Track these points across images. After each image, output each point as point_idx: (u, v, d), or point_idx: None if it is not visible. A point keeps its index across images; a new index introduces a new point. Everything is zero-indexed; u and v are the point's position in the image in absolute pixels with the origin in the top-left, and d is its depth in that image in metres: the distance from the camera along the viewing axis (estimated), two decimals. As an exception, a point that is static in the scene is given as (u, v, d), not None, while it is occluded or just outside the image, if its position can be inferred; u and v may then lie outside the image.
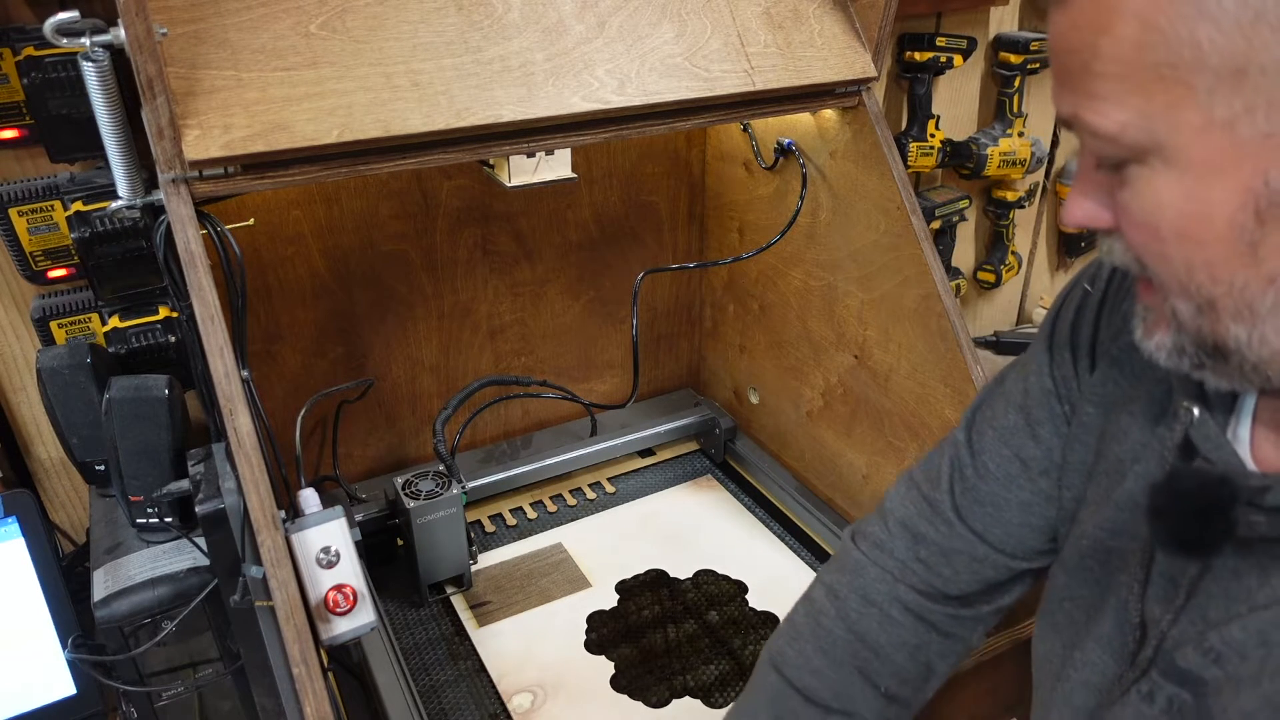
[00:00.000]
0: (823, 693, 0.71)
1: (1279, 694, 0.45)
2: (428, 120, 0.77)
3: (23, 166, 0.96)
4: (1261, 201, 0.40)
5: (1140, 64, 0.40)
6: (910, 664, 0.71)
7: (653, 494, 1.30)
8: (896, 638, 0.71)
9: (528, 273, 1.26)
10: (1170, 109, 0.40)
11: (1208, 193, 0.41)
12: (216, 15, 0.73)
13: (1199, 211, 0.41)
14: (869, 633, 0.71)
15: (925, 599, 0.70)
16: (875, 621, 0.71)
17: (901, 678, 0.71)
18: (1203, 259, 0.42)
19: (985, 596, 0.71)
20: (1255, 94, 0.38)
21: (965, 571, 0.69)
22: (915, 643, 0.71)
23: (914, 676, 0.72)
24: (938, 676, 0.73)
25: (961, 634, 0.72)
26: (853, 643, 0.71)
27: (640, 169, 1.28)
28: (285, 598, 0.66)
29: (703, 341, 1.47)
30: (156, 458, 0.87)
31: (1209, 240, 0.42)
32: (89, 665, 0.89)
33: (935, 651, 0.71)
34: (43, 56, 0.87)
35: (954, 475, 0.69)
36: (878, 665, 0.71)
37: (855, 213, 1.06)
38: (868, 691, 0.71)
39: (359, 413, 1.21)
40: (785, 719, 0.71)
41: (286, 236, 1.08)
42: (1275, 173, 0.39)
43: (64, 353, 0.90)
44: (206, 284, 0.71)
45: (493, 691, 0.98)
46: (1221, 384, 0.46)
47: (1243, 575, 0.49)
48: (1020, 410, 0.67)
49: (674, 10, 0.90)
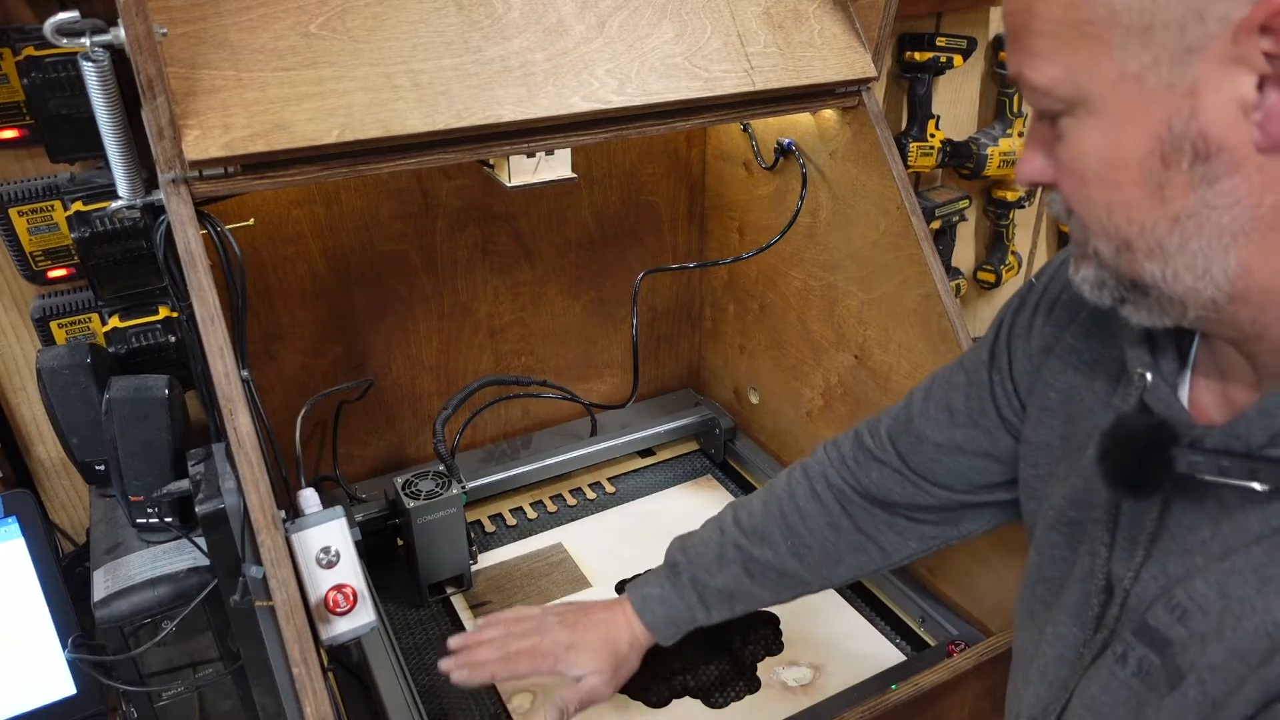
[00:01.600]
0: (748, 523, 0.86)
1: (1242, 643, 0.47)
2: (428, 120, 0.77)
3: (23, 166, 0.96)
4: (1166, 146, 0.44)
5: (1067, 22, 0.45)
6: (821, 540, 0.84)
7: (653, 494, 1.30)
8: (817, 510, 0.84)
9: (528, 273, 1.26)
10: (1091, 62, 0.45)
11: (1123, 139, 0.45)
12: (216, 15, 0.73)
13: (1116, 157, 0.46)
14: (798, 496, 0.85)
15: (851, 490, 0.83)
16: (804, 490, 0.85)
17: (809, 547, 0.84)
18: (1120, 200, 0.47)
19: (906, 512, 0.81)
20: (1160, 48, 0.42)
21: (887, 481, 0.81)
22: (830, 523, 0.83)
23: (821, 553, 0.84)
24: (845, 567, 0.85)
25: (876, 538, 0.83)
26: (784, 500, 0.85)
27: (640, 169, 1.28)
28: (285, 598, 0.66)
29: (703, 341, 1.47)
30: (156, 458, 0.86)
31: (1124, 183, 0.46)
32: (89, 665, 0.89)
33: (846, 542, 0.83)
34: (43, 56, 0.87)
35: (899, 410, 0.82)
36: (796, 524, 0.84)
37: (855, 213, 1.06)
38: (779, 540, 0.84)
39: (359, 413, 1.21)
40: (717, 527, 0.88)
41: (286, 236, 1.08)
42: (1176, 120, 0.43)
43: (64, 353, 0.90)
44: (206, 284, 0.71)
45: (493, 691, 0.98)
46: (1143, 319, 0.50)
47: (1196, 527, 0.51)
48: (960, 368, 0.77)
49: (674, 10, 0.90)
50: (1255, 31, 0.40)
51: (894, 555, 0.84)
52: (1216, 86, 0.42)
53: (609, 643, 0.86)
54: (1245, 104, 0.42)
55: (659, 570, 0.89)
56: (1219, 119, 0.42)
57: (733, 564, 0.85)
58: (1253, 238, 0.44)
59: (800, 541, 0.84)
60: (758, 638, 1.04)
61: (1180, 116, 0.43)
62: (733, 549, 0.85)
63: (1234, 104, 0.42)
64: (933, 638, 1.04)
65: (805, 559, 0.84)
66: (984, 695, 0.90)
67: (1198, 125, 0.43)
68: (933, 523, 0.81)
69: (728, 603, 0.86)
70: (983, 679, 0.88)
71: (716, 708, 0.96)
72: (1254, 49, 0.40)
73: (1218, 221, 0.44)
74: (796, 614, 1.08)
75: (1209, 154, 0.43)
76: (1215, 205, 0.44)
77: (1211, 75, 0.42)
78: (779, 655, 1.02)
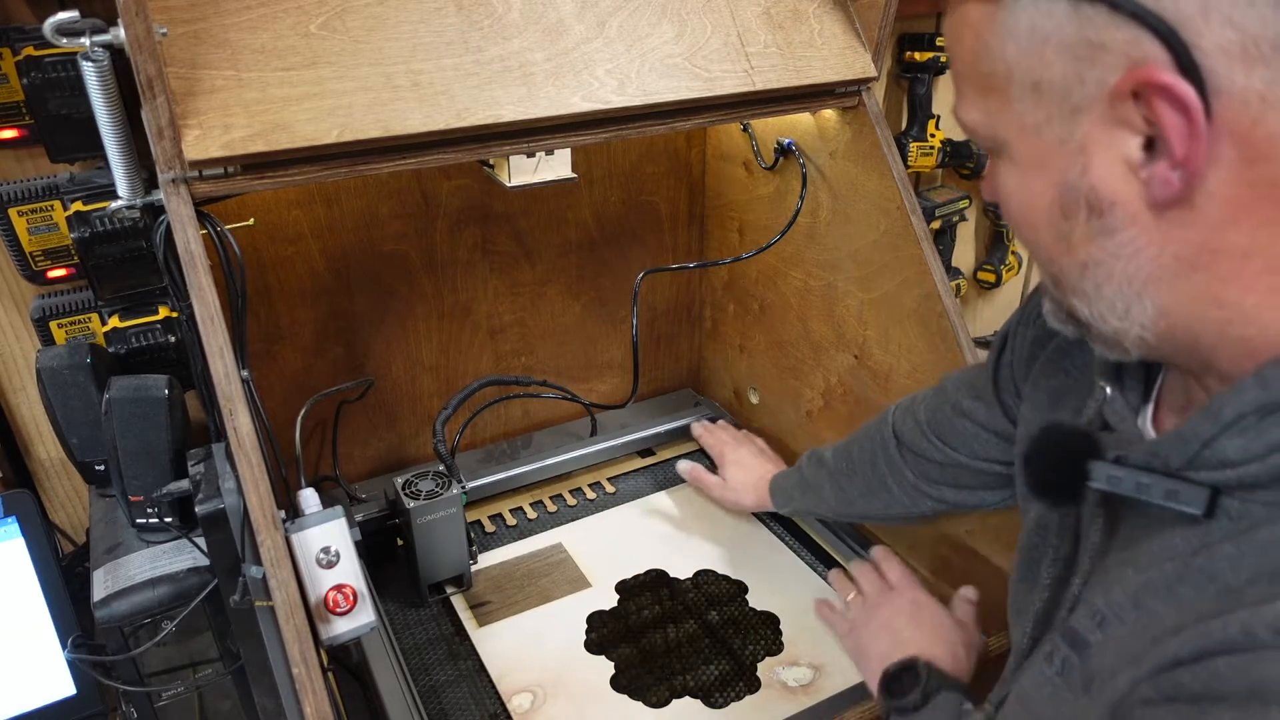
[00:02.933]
0: (834, 462, 1.00)
1: (1134, 643, 0.48)
2: (428, 120, 0.77)
3: (23, 166, 0.96)
4: (1065, 198, 0.46)
5: (976, 72, 0.47)
6: (864, 476, 0.95)
7: (653, 494, 1.30)
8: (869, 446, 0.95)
9: (528, 273, 1.26)
10: (999, 113, 0.47)
11: (1030, 186, 0.48)
12: (216, 15, 0.73)
13: (1027, 202, 0.48)
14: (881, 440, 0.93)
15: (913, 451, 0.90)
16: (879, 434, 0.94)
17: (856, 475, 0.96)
18: (1037, 242, 0.49)
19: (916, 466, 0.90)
20: (1050, 106, 0.44)
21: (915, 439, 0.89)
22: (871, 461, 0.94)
23: (863, 488, 0.96)
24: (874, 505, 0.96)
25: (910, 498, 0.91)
26: (871, 444, 0.95)
27: (640, 169, 1.28)
28: (285, 598, 0.66)
29: (703, 341, 1.47)
30: (156, 458, 0.86)
31: (1039, 226, 0.48)
32: (89, 665, 0.89)
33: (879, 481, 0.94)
34: (43, 56, 0.87)
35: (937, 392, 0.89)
36: (883, 466, 0.93)
37: (855, 213, 1.06)
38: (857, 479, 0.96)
39: (359, 413, 1.21)
40: (808, 460, 1.06)
41: (286, 236, 1.08)
42: (1070, 174, 0.45)
43: (64, 353, 0.90)
44: (206, 284, 0.71)
45: (493, 691, 0.98)
46: (1102, 351, 0.51)
47: (1137, 541, 0.52)
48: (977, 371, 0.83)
49: (674, 10, 0.90)
50: (1128, 98, 0.41)
51: (912, 509, 0.92)
52: (1104, 145, 0.43)
53: (756, 486, 1.16)
54: (1131, 163, 0.43)
55: (793, 471, 1.10)
56: (1108, 176, 0.44)
57: (818, 492, 1.03)
58: (1162, 285, 0.45)
59: (856, 488, 0.97)
60: (758, 638, 1.05)
61: (1073, 171, 0.45)
62: (817, 485, 1.03)
63: (1121, 162, 0.43)
64: (933, 638, 1.04)
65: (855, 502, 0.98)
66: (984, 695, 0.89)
67: (1089, 181, 0.44)
68: (937, 481, 0.88)
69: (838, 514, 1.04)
70: (983, 679, 0.88)
71: (716, 708, 0.96)
72: (1132, 113, 0.42)
73: (1124, 270, 0.45)
74: (796, 614, 1.08)
75: (1103, 209, 0.44)
76: (1118, 255, 0.45)
77: (1098, 134, 0.43)
78: (779, 655, 1.02)
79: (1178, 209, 0.43)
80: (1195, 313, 0.45)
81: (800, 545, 1.19)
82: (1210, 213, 0.42)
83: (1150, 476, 0.48)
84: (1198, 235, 0.43)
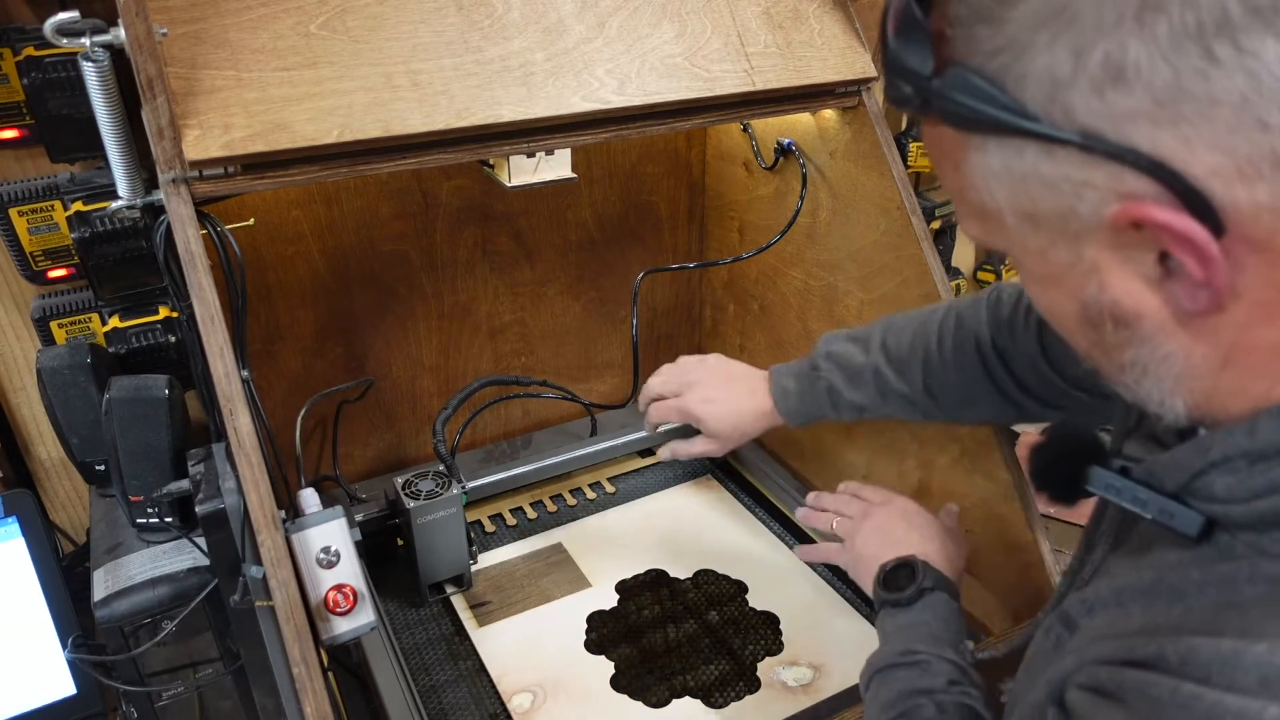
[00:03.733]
0: (894, 351, 0.90)
1: (1101, 633, 0.49)
2: (428, 120, 0.77)
3: (23, 166, 0.96)
4: (1088, 311, 0.44)
5: (965, 201, 0.46)
6: (959, 388, 0.86)
7: (653, 494, 1.30)
8: (961, 363, 0.86)
9: (528, 273, 1.26)
10: (998, 233, 0.46)
11: (1052, 298, 0.47)
12: (216, 15, 0.73)
13: (1053, 309, 0.48)
14: (946, 346, 0.86)
15: (997, 354, 0.83)
16: (952, 341, 0.86)
17: (946, 388, 0.87)
18: (1073, 342, 0.48)
19: (1036, 388, 0.83)
20: (1051, 234, 0.43)
21: (1027, 357, 0.82)
22: (973, 377, 0.85)
23: (956, 398, 0.87)
24: (975, 413, 0.89)
25: (1009, 397, 0.84)
26: (931, 342, 0.87)
27: (640, 169, 1.28)
28: (285, 598, 0.66)
29: (703, 341, 1.47)
30: (156, 458, 0.87)
31: (1070, 330, 0.48)
32: (89, 665, 0.89)
33: (985, 395, 0.85)
34: (43, 56, 0.87)
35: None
36: (937, 369, 0.86)
37: (855, 213, 1.06)
38: (918, 377, 0.88)
39: (359, 413, 1.21)
40: (864, 344, 0.92)
41: (286, 236, 1.08)
42: (1088, 292, 0.44)
43: (64, 353, 0.90)
44: (206, 284, 0.71)
45: (493, 691, 0.98)
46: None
47: (1144, 545, 0.53)
48: None
49: (674, 10, 0.90)
50: (1129, 229, 0.40)
51: (1021, 415, 0.88)
52: (1118, 265, 0.42)
53: (737, 417, 1.00)
54: (1149, 279, 0.41)
55: (802, 364, 0.96)
56: (1128, 291, 0.42)
57: (869, 385, 0.90)
58: (1194, 383, 0.44)
59: (938, 382, 0.87)
60: (758, 638, 1.05)
61: (1090, 289, 0.43)
62: (872, 373, 0.90)
63: (1139, 279, 0.42)
64: (933, 638, 1.04)
65: (940, 399, 0.88)
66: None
67: (1110, 296, 0.43)
68: (1044, 405, 0.84)
69: (858, 413, 0.93)
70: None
71: (716, 708, 0.96)
72: (1138, 240, 0.40)
73: (1157, 371, 0.44)
74: (796, 614, 1.08)
75: (1129, 321, 0.43)
76: (1151, 359, 0.44)
77: (1108, 257, 0.42)
78: (779, 655, 1.02)
79: (1206, 317, 0.41)
80: (1227, 403, 0.44)
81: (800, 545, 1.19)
82: (1239, 315, 0.41)
83: (1148, 493, 0.48)
84: (1228, 337, 0.42)
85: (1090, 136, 0.39)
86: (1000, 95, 0.40)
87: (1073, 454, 0.53)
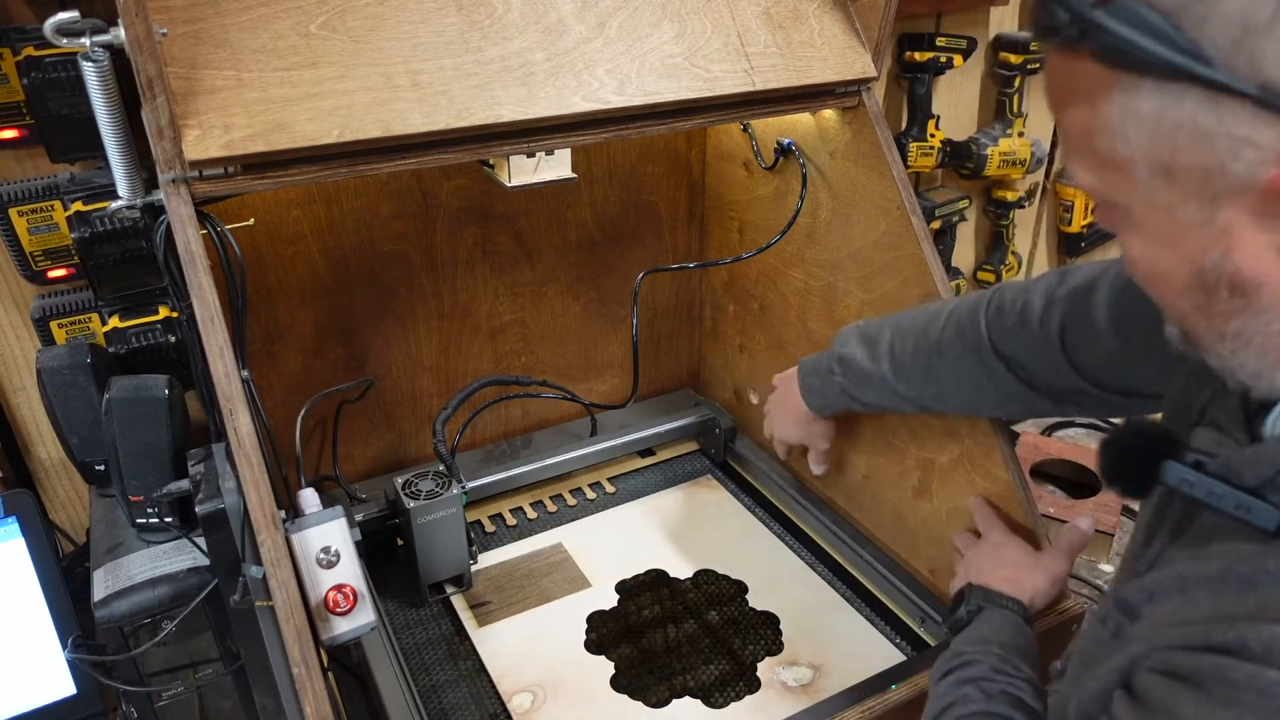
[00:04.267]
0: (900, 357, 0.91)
1: (1169, 620, 0.49)
2: (428, 120, 0.77)
3: (23, 166, 0.96)
4: (1204, 276, 0.43)
5: (1090, 146, 0.44)
6: (962, 396, 0.89)
7: (653, 494, 1.30)
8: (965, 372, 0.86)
9: (528, 273, 1.26)
10: (1121, 185, 0.44)
11: (1162, 258, 0.45)
12: (216, 15, 0.73)
13: (1159, 271, 0.46)
14: (949, 354, 0.87)
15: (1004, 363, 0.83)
16: (957, 350, 0.86)
17: (949, 397, 0.90)
18: (1170, 304, 0.47)
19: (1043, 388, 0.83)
20: (1185, 190, 0.41)
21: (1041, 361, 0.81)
22: (976, 385, 0.86)
23: (959, 405, 0.91)
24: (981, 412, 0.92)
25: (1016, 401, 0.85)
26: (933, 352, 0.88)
27: (640, 169, 1.28)
28: (285, 598, 0.66)
29: (703, 341, 1.47)
30: (156, 458, 0.87)
31: (1172, 293, 0.46)
32: (89, 665, 0.89)
33: (987, 403, 0.88)
34: (43, 56, 0.87)
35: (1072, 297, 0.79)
36: (944, 379, 0.88)
37: (855, 213, 1.06)
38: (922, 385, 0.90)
39: (359, 413, 1.21)
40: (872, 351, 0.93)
41: (286, 236, 1.08)
42: (1210, 256, 0.42)
43: (64, 353, 0.90)
44: (206, 284, 0.71)
45: (493, 691, 0.98)
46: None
47: (1205, 536, 0.53)
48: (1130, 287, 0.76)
49: (674, 10, 0.90)
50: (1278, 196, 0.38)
51: (1027, 412, 0.89)
52: (1252, 231, 0.40)
53: (795, 424, 1.07)
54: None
55: (821, 360, 0.99)
56: (1256, 259, 0.41)
57: (878, 390, 0.93)
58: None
59: (941, 390, 0.89)
60: (758, 638, 1.05)
61: (1214, 253, 0.42)
62: (879, 379, 0.92)
63: (1271, 249, 0.40)
64: (933, 638, 1.04)
65: (946, 404, 0.91)
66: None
67: (1233, 263, 0.42)
68: (1056, 401, 0.84)
69: (877, 408, 0.96)
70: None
71: (716, 708, 0.96)
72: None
73: (1263, 344, 0.43)
74: (796, 614, 1.08)
75: (1247, 289, 0.42)
76: (1261, 331, 0.43)
77: (1245, 222, 0.40)
78: (779, 655, 1.02)
79: None
80: None
81: (800, 545, 1.19)
82: None
83: (1224, 487, 0.48)
84: None
85: (1272, 91, 0.37)
86: (1175, 34, 0.38)
87: (1145, 448, 0.53)
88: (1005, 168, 1.53)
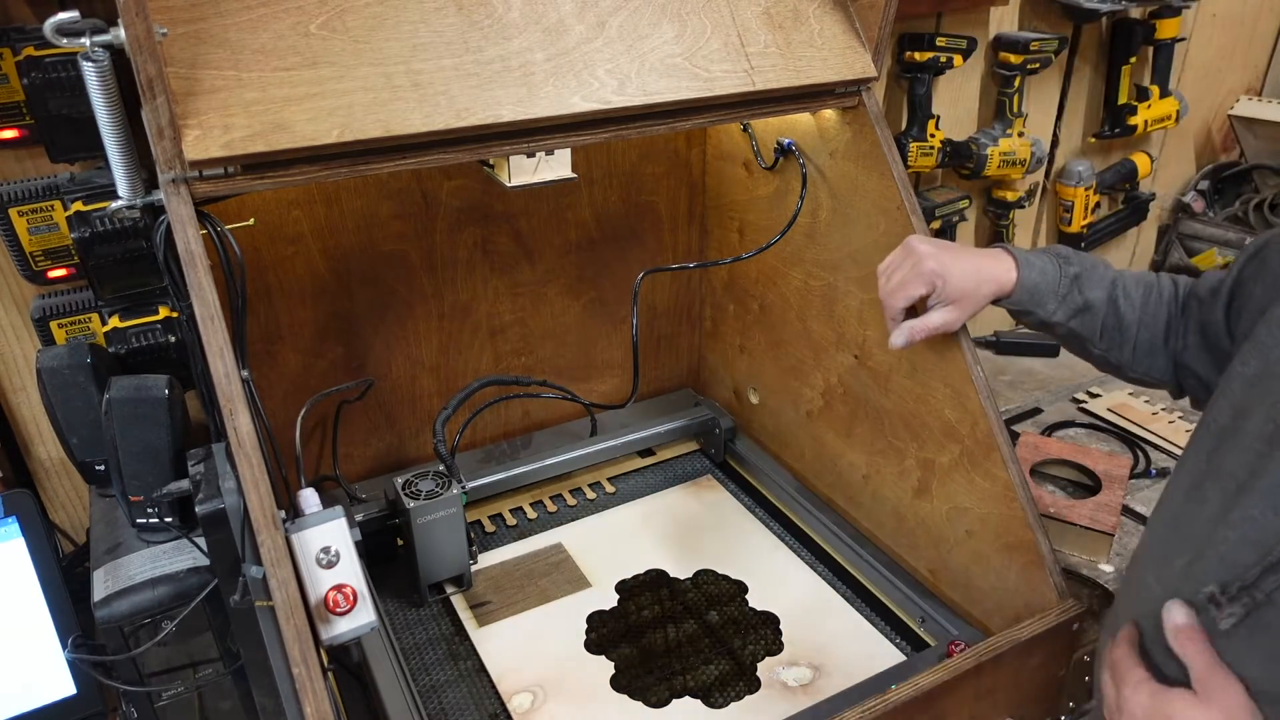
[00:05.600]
0: (1128, 287, 0.93)
1: None
2: (428, 120, 0.77)
3: (23, 166, 0.96)
4: None
5: None
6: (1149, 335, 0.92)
7: (653, 494, 1.30)
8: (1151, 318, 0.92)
9: (528, 273, 1.26)
10: None
11: None
12: (216, 15, 0.73)
13: None
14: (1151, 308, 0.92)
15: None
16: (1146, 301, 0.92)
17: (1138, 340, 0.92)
18: None
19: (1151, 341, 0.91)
20: None
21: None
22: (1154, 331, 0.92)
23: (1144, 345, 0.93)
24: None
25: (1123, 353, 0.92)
26: (1143, 309, 0.92)
27: (640, 169, 1.28)
28: (285, 598, 0.66)
29: (703, 341, 1.47)
30: (156, 458, 0.87)
31: None
32: (89, 665, 0.89)
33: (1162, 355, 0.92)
34: (43, 56, 0.87)
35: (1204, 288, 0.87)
36: (1150, 310, 0.92)
37: (855, 213, 1.06)
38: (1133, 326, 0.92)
39: (359, 413, 1.21)
40: (1105, 262, 0.95)
41: (286, 236, 1.08)
42: None
43: (64, 353, 0.90)
44: (206, 284, 0.71)
45: (493, 691, 0.98)
46: None
47: None
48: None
49: (674, 10, 0.90)
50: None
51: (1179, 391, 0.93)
52: None
53: (978, 274, 0.93)
54: None
55: (1047, 251, 0.95)
56: None
57: (1105, 289, 0.92)
58: None
59: (1141, 324, 0.92)
60: (758, 638, 1.05)
61: None
62: (1109, 282, 0.92)
63: None
64: (933, 638, 1.04)
65: (1139, 337, 0.92)
66: (984, 695, 0.90)
67: None
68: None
69: (1078, 316, 0.92)
70: (983, 679, 0.88)
71: (716, 708, 0.96)
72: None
73: None
74: (796, 614, 1.08)
75: None
76: None
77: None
78: (779, 655, 1.02)
79: None
80: None
81: (800, 545, 1.19)
82: None
83: None
84: None
85: None
86: None
87: None
88: (1005, 168, 1.53)
